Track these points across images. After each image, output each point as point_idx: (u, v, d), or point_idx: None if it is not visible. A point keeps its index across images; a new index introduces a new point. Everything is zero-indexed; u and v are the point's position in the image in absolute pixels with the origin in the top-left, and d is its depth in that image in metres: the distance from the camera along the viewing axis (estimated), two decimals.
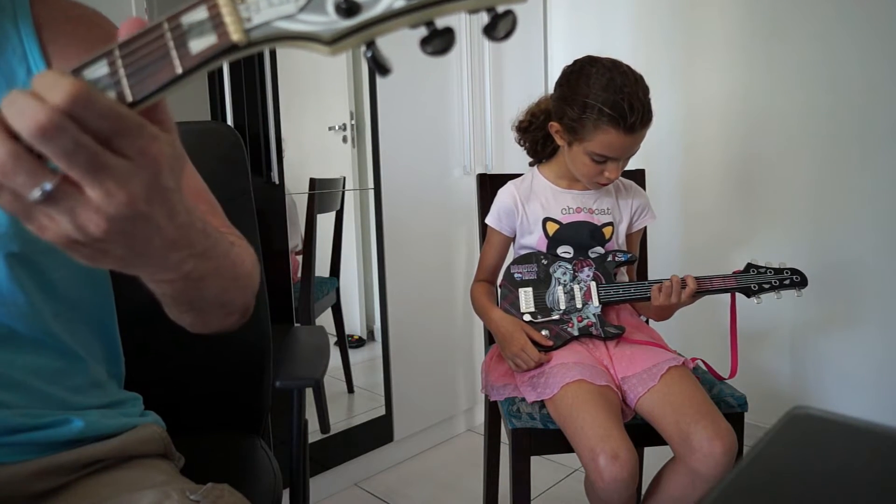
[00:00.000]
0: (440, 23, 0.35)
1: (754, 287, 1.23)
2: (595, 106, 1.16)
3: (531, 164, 1.43)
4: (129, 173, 0.35)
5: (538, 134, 1.36)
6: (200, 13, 0.34)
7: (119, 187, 0.35)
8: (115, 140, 0.35)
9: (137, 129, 0.35)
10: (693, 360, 1.24)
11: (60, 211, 0.35)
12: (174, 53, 0.34)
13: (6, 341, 0.62)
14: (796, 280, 1.23)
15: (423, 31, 0.35)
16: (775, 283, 1.23)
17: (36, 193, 0.34)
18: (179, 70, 0.35)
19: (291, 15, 0.34)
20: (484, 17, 0.35)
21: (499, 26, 0.35)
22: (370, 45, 0.35)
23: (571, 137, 1.23)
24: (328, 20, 0.34)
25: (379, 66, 0.36)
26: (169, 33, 0.34)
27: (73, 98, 0.32)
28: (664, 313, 1.29)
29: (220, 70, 1.49)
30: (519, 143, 1.42)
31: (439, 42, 0.35)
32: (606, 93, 1.16)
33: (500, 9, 0.35)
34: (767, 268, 1.24)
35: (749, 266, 1.25)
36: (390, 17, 0.33)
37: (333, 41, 0.34)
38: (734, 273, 1.25)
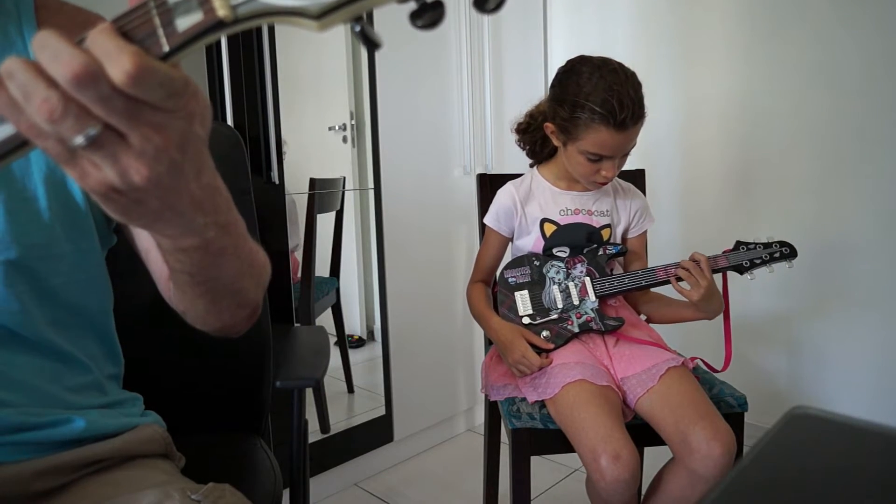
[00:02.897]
0: None
1: (746, 263, 1.24)
2: (585, 105, 1.16)
3: (531, 166, 1.43)
4: (166, 119, 0.36)
5: (536, 135, 1.37)
6: None
7: (155, 132, 0.36)
8: (167, 101, 0.35)
9: (184, 87, 0.36)
10: (692, 359, 1.24)
11: (104, 156, 0.36)
12: (161, 32, 0.34)
13: (6, 342, 0.62)
14: (786, 252, 1.24)
15: (412, 5, 0.35)
16: (766, 257, 1.24)
17: (79, 139, 0.34)
18: (166, 48, 0.34)
19: None
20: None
21: None
22: (359, 19, 0.34)
23: (565, 137, 1.23)
24: None
25: (368, 41, 0.36)
26: (154, 10, 0.34)
27: (135, 67, 0.33)
28: (713, 302, 1.21)
29: (220, 70, 1.49)
30: (519, 144, 1.42)
31: (430, 15, 0.34)
32: (596, 91, 1.15)
33: None
34: (756, 243, 1.25)
35: (738, 243, 1.26)
36: None
37: (321, 15, 0.33)
38: (724, 252, 1.25)
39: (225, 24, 0.34)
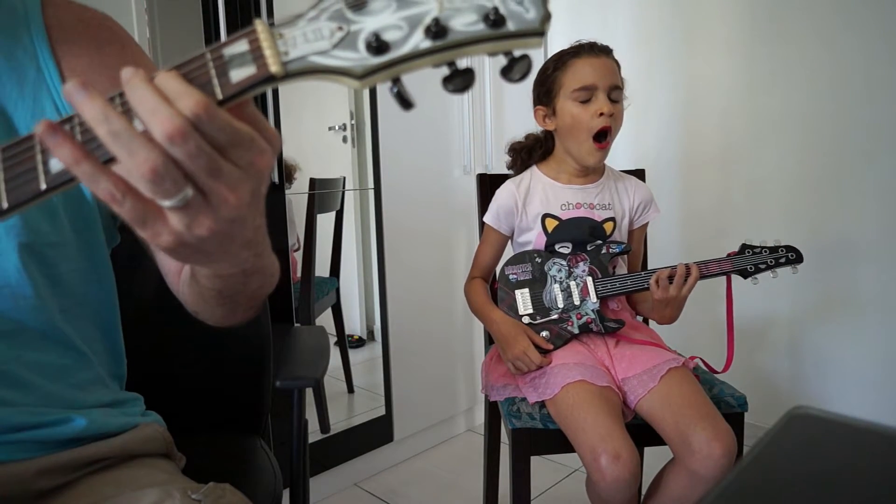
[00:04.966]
0: (461, 63, 0.38)
1: (750, 268, 1.23)
2: (559, 59, 1.28)
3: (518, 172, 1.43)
4: (240, 180, 0.39)
5: (531, 145, 1.40)
6: (241, 46, 0.37)
7: (230, 191, 0.39)
8: (229, 150, 0.38)
9: (249, 142, 0.38)
10: (692, 358, 1.24)
11: (185, 215, 0.38)
12: (216, 82, 0.37)
13: (12, 336, 0.62)
14: (792, 257, 1.22)
15: (444, 71, 0.39)
16: (771, 261, 1.22)
17: (173, 201, 0.37)
18: (220, 97, 0.38)
19: (325, 51, 0.37)
20: (501, 60, 0.38)
21: (515, 69, 0.39)
22: (396, 80, 0.38)
23: (553, 102, 1.28)
24: (359, 57, 0.37)
25: (403, 101, 0.39)
26: (211, 62, 0.37)
27: (201, 108, 0.36)
28: (667, 311, 1.24)
29: None
30: (509, 166, 1.44)
31: (460, 81, 0.39)
32: (565, 50, 1.29)
33: (517, 52, 0.38)
34: (762, 247, 1.23)
35: (744, 246, 1.24)
36: (416, 56, 0.37)
37: (364, 76, 0.37)
38: (729, 255, 1.24)
39: (275, 79, 0.37)
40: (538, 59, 2.27)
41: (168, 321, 0.64)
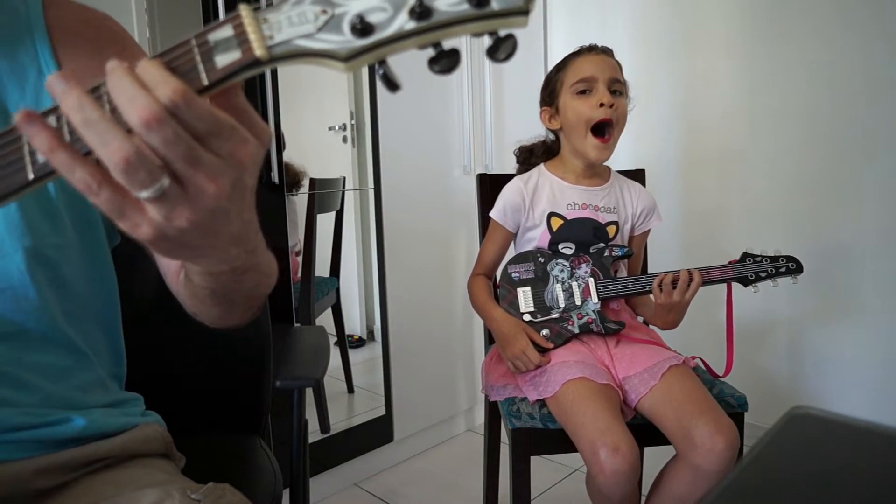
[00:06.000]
0: (447, 44, 0.38)
1: (751, 276, 1.24)
2: (561, 63, 1.34)
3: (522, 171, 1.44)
4: (220, 170, 0.38)
5: (532, 147, 1.43)
6: (226, 31, 0.37)
7: (209, 181, 0.38)
8: (209, 139, 0.38)
9: (229, 131, 0.38)
10: (692, 358, 1.24)
11: (162, 206, 0.38)
12: (201, 67, 0.37)
13: (15, 339, 0.62)
14: (792, 267, 1.24)
15: (430, 52, 0.38)
16: (771, 271, 1.24)
17: (149, 192, 0.37)
18: (206, 82, 0.37)
19: (310, 34, 0.37)
20: (486, 40, 0.38)
21: (500, 49, 0.38)
22: (381, 63, 0.38)
23: (556, 101, 1.31)
24: (344, 39, 0.37)
25: (389, 83, 0.39)
26: (196, 48, 0.37)
27: (178, 96, 0.35)
28: (670, 316, 1.25)
29: None
30: (517, 171, 1.46)
31: (446, 62, 0.38)
32: (568, 55, 1.34)
33: (502, 32, 0.38)
34: (763, 256, 1.25)
35: (745, 255, 1.26)
36: (401, 37, 0.37)
37: (349, 58, 0.37)
38: (730, 263, 1.25)
39: (261, 63, 0.37)
40: (538, 60, 2.28)
41: (168, 321, 0.64)
